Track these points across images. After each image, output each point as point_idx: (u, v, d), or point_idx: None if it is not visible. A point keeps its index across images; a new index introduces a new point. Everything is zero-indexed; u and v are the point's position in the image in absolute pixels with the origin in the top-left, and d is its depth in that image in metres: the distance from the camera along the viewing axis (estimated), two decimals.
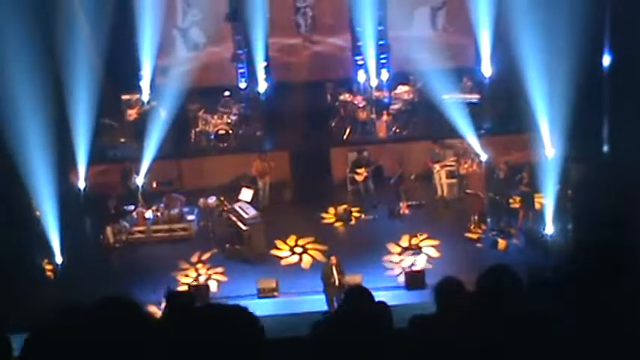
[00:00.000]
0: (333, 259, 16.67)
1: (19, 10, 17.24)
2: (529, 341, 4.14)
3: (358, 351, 3.56)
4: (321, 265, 17.44)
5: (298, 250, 19.10)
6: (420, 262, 18.15)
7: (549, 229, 18.03)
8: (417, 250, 18.65)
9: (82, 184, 19.79)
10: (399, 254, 18.57)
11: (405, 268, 17.92)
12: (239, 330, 3.05)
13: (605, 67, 18.75)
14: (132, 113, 22.02)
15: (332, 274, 16.49)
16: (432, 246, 18.79)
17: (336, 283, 16.37)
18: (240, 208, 19.26)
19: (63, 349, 3.37)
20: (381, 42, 22.70)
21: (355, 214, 20.38)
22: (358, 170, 20.91)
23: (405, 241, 18.95)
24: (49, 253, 17.98)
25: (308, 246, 19.19)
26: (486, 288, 4.99)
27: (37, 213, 18.18)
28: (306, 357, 3.74)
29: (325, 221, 20.30)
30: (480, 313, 4.88)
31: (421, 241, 18.95)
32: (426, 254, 18.51)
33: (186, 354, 3.05)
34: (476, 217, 19.38)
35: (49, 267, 18.17)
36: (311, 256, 18.87)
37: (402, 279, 17.61)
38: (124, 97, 22.21)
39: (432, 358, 4.62)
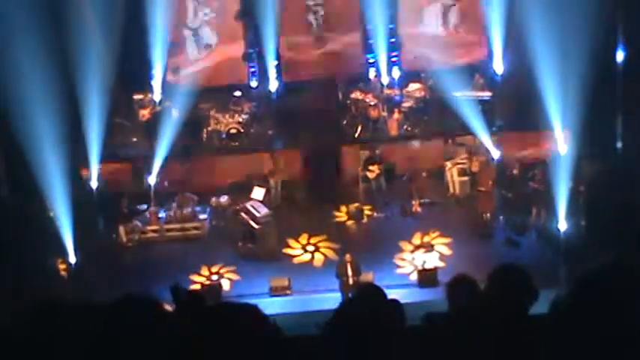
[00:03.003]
0: (348, 257, 16.66)
1: (30, 11, 17.29)
2: (542, 340, 4.12)
3: (371, 349, 3.55)
4: (335, 263, 17.44)
5: (310, 248, 19.11)
6: (431, 261, 18.11)
7: (562, 226, 17.96)
8: (429, 247, 18.62)
9: (94, 184, 19.83)
10: (411, 252, 18.55)
11: (417, 266, 17.91)
12: (250, 328, 3.05)
13: (618, 63, 18.66)
14: (144, 113, 22.04)
15: (346, 272, 16.48)
16: (444, 244, 18.76)
17: (350, 281, 16.36)
18: (252, 206, 19.27)
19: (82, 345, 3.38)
20: (392, 40, 22.65)
21: (367, 213, 20.36)
22: (370, 167, 20.87)
23: (417, 239, 18.93)
24: (63, 253, 18.04)
25: (320, 244, 19.20)
26: (496, 287, 4.97)
27: (51, 213, 18.24)
28: (319, 355, 3.73)
29: (337, 219, 20.30)
30: (492, 311, 4.86)
31: (433, 239, 18.92)
32: (439, 252, 18.49)
33: (195, 353, 3.05)
34: (488, 215, 19.34)
35: (62, 266, 18.25)
36: (323, 254, 18.87)
37: (414, 277, 17.59)
38: (136, 96, 22.23)
39: (445, 356, 4.61)
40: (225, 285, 17.95)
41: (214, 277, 18.26)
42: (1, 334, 3.75)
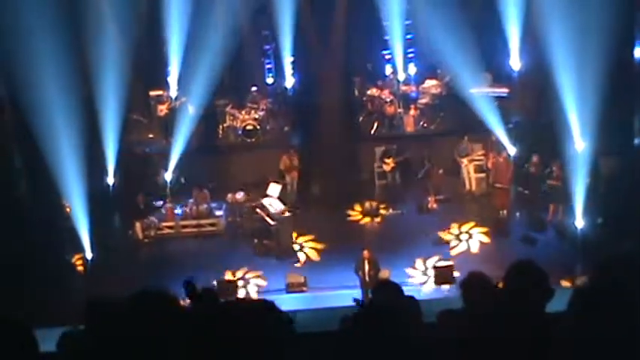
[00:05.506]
0: (366, 253, 16.63)
1: (48, 8, 17.34)
2: (558, 337, 4.11)
3: (387, 345, 3.54)
4: (353, 260, 17.43)
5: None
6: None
7: (579, 222, 17.87)
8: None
9: (111, 180, 19.89)
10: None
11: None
12: (265, 324, 3.05)
13: (636, 59, 18.53)
14: (160, 109, 22.10)
15: (363, 268, 16.46)
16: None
17: (366, 277, 16.32)
18: (268, 203, 19.29)
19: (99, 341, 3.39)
20: (408, 36, 22.58)
21: (382, 210, 20.32)
22: (386, 160, 20.80)
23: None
24: (80, 249, 18.12)
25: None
26: (512, 284, 4.95)
27: (67, 209, 18.32)
28: (335, 351, 3.73)
29: (353, 216, 20.25)
30: (506, 309, 4.85)
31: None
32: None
33: (212, 348, 3.06)
34: (504, 212, 19.27)
35: (79, 262, 18.33)
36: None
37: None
38: (152, 92, 22.29)
39: (460, 352, 4.60)
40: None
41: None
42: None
